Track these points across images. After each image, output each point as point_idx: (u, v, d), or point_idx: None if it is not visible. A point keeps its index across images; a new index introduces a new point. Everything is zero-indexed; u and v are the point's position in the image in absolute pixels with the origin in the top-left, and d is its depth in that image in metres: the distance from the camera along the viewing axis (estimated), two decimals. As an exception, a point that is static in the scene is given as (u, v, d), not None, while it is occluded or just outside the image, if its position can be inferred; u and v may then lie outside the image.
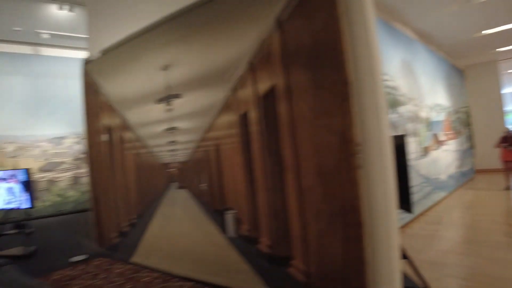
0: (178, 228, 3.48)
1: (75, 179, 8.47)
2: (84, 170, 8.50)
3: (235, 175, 2.90)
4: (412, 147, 5.21)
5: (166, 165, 3.58)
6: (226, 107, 2.88)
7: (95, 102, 4.30)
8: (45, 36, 7.44)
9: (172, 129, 3.35)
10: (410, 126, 5.29)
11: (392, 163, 2.35)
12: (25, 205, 4.65)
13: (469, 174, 9.00)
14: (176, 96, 3.21)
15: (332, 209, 2.34)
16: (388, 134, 2.33)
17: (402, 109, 5.05)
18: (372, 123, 2.29)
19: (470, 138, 9.63)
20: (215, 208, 3.13)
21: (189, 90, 3.15)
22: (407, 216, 4.67)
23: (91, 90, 4.36)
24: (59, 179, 8.21)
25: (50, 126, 8.29)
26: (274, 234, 2.67)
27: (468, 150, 9.28)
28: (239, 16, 2.75)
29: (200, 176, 3.26)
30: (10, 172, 4.86)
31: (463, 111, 9.30)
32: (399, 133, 4.69)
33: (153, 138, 3.64)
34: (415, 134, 5.47)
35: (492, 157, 7.99)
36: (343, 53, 2.23)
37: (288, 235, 2.56)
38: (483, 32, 7.19)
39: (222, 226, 3.04)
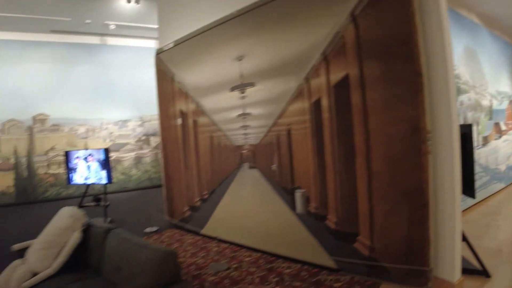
0: (248, 204, 3.88)
1: (138, 159, 9.29)
2: (145, 151, 9.33)
3: (305, 157, 3.20)
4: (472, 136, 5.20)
5: (238, 147, 3.96)
6: (298, 95, 3.17)
7: (168, 88, 4.77)
8: (112, 27, 8.12)
9: (245, 114, 3.71)
10: (470, 115, 5.27)
11: (459, 150, 2.53)
12: (104, 181, 5.30)
13: (531, 166, 8.62)
14: (250, 84, 3.54)
15: (400, 191, 2.57)
16: (456, 123, 2.51)
17: (463, 97, 5.04)
18: (442, 112, 2.48)
19: (534, 128, 9.16)
20: (283, 187, 3.47)
21: (263, 79, 3.48)
22: (464, 204, 4.73)
23: (164, 77, 4.83)
24: (124, 159, 9.05)
25: (115, 110, 9.13)
26: (341, 212, 2.96)
27: (531, 141, 8.86)
28: (312, 11, 2.99)
29: (271, 157, 3.60)
30: (91, 151, 5.51)
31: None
32: (459, 121, 4.72)
33: (226, 122, 4.04)
34: (475, 122, 5.43)
35: (558, 149, 7.60)
36: (416, 46, 2.42)
37: (355, 213, 2.83)
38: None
39: (290, 203, 3.38)
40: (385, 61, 2.56)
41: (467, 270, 2.90)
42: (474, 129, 5.37)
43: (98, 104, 8.84)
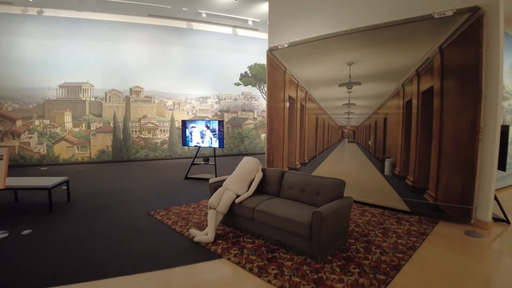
0: (345, 167, 5.84)
1: (214, 132, 11.44)
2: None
3: (395, 137, 5.12)
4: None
5: (340, 127, 5.90)
6: (395, 95, 5.06)
7: (279, 78, 6.71)
8: (203, 15, 10.03)
9: (350, 104, 5.61)
10: (509, 117, 7.06)
11: (498, 141, 4.38)
12: (216, 145, 7.30)
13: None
14: (357, 83, 5.43)
15: (459, 163, 4.46)
16: (499, 123, 4.35)
17: (504, 103, 6.82)
18: (491, 115, 4.32)
19: None
20: (376, 157, 5.40)
21: (367, 80, 5.37)
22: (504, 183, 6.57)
23: (275, 69, 6.76)
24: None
25: (198, 88, 11.21)
26: (417, 175, 4.88)
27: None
28: (412, 41, 4.81)
29: (368, 135, 5.51)
30: (206, 122, 7.50)
31: None
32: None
33: (332, 108, 5.97)
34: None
35: None
36: (480, 73, 4.25)
37: (427, 176, 4.75)
38: None
39: (380, 168, 5.32)
40: (460, 80, 4.40)
41: (495, 219, 4.79)
42: (511, 128, 7.16)
43: (184, 81, 10.92)
